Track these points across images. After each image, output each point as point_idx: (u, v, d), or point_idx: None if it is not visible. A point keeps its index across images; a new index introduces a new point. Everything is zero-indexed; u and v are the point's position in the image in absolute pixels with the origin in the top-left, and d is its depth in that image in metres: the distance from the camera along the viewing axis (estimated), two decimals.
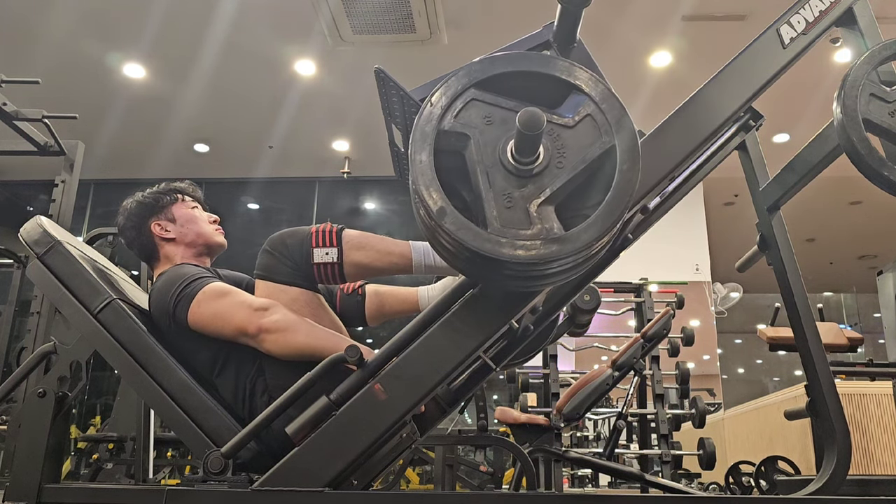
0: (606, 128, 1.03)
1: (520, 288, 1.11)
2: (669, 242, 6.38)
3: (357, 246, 1.42)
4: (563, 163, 1.03)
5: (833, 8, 1.35)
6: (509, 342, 1.48)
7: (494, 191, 1.02)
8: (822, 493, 1.32)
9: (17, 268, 3.80)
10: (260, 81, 6.00)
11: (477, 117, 1.05)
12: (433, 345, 1.14)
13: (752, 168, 1.63)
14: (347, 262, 1.40)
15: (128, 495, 1.24)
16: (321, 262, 1.40)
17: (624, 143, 1.03)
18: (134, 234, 1.64)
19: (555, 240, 0.99)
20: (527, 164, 1.02)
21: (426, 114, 1.04)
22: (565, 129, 1.04)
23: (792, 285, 1.49)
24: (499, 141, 1.04)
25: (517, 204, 1.01)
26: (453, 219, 0.99)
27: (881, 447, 3.49)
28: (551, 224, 1.00)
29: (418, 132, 1.03)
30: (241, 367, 1.41)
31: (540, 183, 1.02)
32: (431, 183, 1.01)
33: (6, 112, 3.01)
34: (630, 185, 1.01)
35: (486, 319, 1.14)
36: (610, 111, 1.04)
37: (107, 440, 4.41)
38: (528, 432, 2.80)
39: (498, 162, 1.03)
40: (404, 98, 1.25)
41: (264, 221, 8.37)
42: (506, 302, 1.14)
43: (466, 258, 1.02)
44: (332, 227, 1.42)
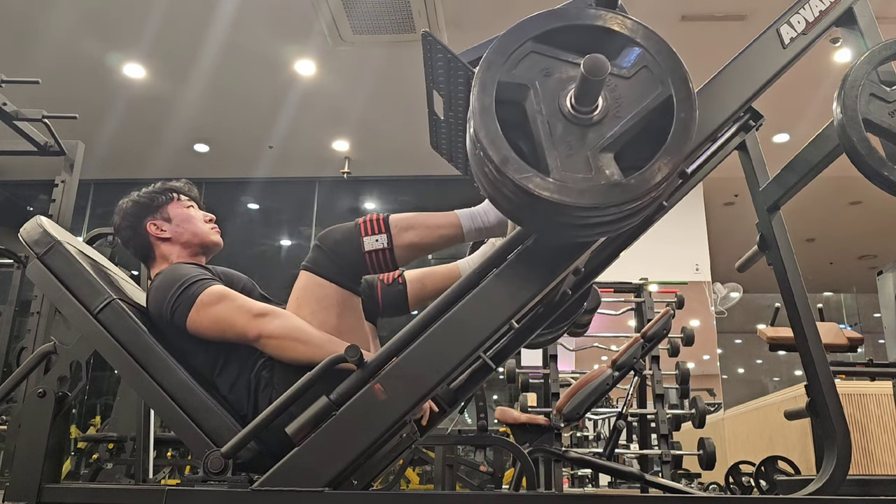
0: (663, 78, 1.06)
1: (576, 237, 1.13)
2: (669, 242, 6.37)
3: (405, 227, 1.44)
4: (621, 112, 1.06)
5: (833, 8, 1.35)
6: (547, 308, 1.51)
7: (555, 139, 1.05)
8: (822, 493, 1.32)
9: (17, 268, 3.79)
10: (260, 81, 6.00)
11: (535, 69, 1.08)
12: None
13: (752, 168, 1.63)
14: (398, 244, 1.43)
15: (128, 495, 1.24)
16: (373, 250, 1.42)
17: (681, 92, 1.05)
18: (130, 233, 1.64)
19: (616, 185, 1.02)
20: (586, 112, 1.05)
21: (486, 65, 1.06)
22: (622, 80, 1.07)
23: (792, 285, 1.49)
24: (558, 91, 1.07)
25: (578, 152, 1.04)
26: (517, 166, 1.02)
27: (881, 447, 3.49)
28: (612, 170, 1.03)
29: (479, 84, 1.05)
30: (244, 365, 1.41)
31: (599, 131, 1.05)
32: (494, 133, 1.03)
33: (6, 112, 3.01)
34: (688, 132, 1.04)
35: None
36: (666, 62, 1.07)
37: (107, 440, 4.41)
38: (528, 432, 2.80)
39: (558, 111, 1.06)
40: (451, 62, 1.27)
41: (264, 221, 8.37)
42: (559, 254, 1.17)
43: (528, 205, 1.04)
44: (379, 215, 1.45)
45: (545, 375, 4.48)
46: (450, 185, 7.93)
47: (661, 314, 2.70)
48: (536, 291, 1.16)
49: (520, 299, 1.15)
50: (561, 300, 1.50)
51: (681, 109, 1.05)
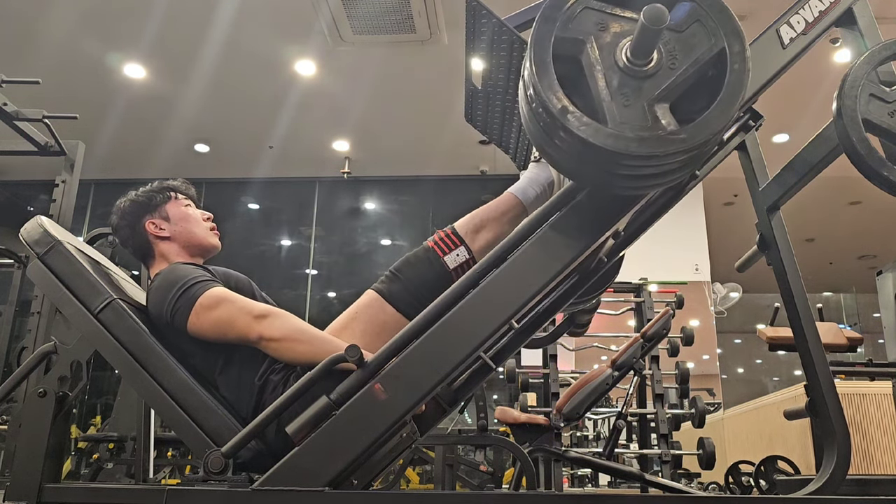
0: (716, 31, 1.08)
1: (629, 189, 1.15)
2: (669, 242, 6.37)
3: (475, 229, 1.46)
4: (676, 64, 1.08)
5: (833, 8, 1.35)
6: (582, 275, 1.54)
7: (611, 90, 1.07)
8: (821, 493, 1.32)
9: (18, 268, 3.80)
10: (260, 81, 6.00)
11: (590, 24, 1.10)
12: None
13: (751, 168, 1.63)
14: (477, 249, 1.44)
15: (128, 495, 1.24)
16: (458, 265, 1.43)
17: (734, 46, 1.07)
18: (128, 232, 1.64)
19: (674, 133, 1.04)
20: (642, 64, 1.07)
21: (542, 20, 1.09)
22: (675, 34, 1.09)
23: (792, 285, 1.49)
24: (614, 45, 1.09)
25: (634, 102, 1.06)
26: (576, 116, 1.04)
27: (881, 447, 3.50)
28: (668, 119, 1.05)
29: (535, 39, 1.07)
30: (247, 366, 1.41)
31: (655, 82, 1.07)
32: (553, 84, 1.05)
33: (6, 112, 3.01)
34: (742, 83, 1.06)
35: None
36: (718, 16, 1.09)
37: (107, 440, 4.41)
38: (528, 432, 2.80)
39: (614, 64, 1.08)
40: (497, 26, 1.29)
41: (264, 221, 8.37)
42: (610, 207, 1.20)
43: (584, 158, 1.07)
44: (446, 230, 1.46)
45: (545, 375, 4.48)
46: (450, 184, 7.95)
47: (660, 314, 2.70)
48: (587, 244, 1.18)
49: (571, 252, 1.17)
50: (597, 267, 1.53)
51: (734, 61, 1.07)
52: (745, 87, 1.07)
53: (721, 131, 1.06)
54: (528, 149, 1.59)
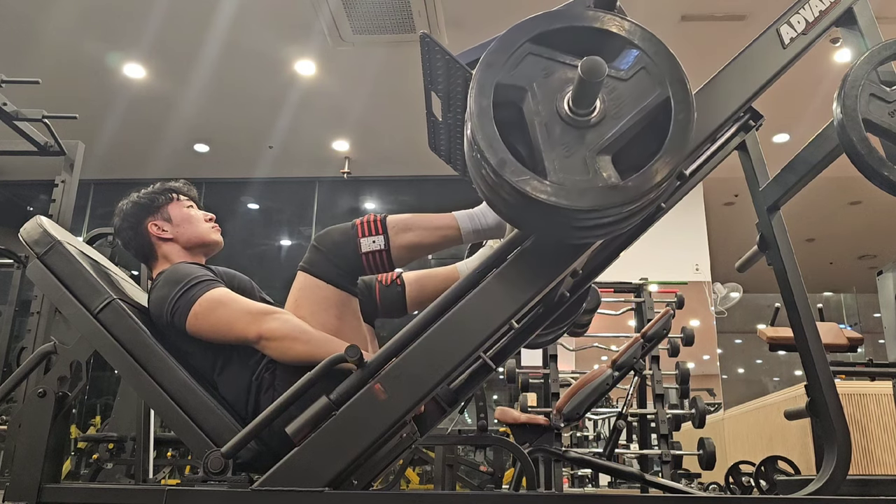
0: (661, 80, 1.06)
1: (574, 239, 1.14)
2: (669, 242, 6.37)
3: (402, 228, 1.45)
4: (619, 114, 1.06)
5: (833, 8, 1.35)
6: (546, 309, 1.51)
7: (552, 141, 1.05)
8: (822, 493, 1.32)
9: (17, 268, 3.80)
10: (260, 81, 6.00)
11: (534, 71, 1.07)
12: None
13: (752, 168, 1.62)
14: (395, 245, 1.43)
15: (128, 495, 1.23)
16: (369, 251, 1.42)
17: (678, 94, 1.06)
18: (131, 234, 1.64)
19: (613, 187, 1.02)
20: (584, 114, 1.05)
21: (484, 67, 1.06)
22: (620, 82, 1.07)
23: (792, 285, 1.49)
24: (556, 93, 1.07)
25: (575, 154, 1.04)
26: (514, 168, 1.02)
27: (881, 447, 3.49)
28: (609, 172, 1.03)
29: (477, 86, 1.05)
30: (245, 366, 1.41)
31: (597, 133, 1.05)
32: (491, 135, 1.03)
33: (6, 112, 3.01)
34: (686, 133, 1.04)
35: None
36: (664, 64, 1.07)
37: (107, 440, 4.41)
38: (528, 432, 2.80)
39: (555, 113, 1.06)
40: (450, 63, 1.27)
41: (264, 221, 8.36)
42: (557, 255, 1.17)
43: (525, 208, 1.04)
44: (376, 216, 1.46)
45: (545, 375, 4.48)
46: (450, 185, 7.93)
47: (661, 314, 2.70)
48: (535, 293, 1.15)
49: (518, 300, 1.15)
50: (559, 302, 1.50)
51: (679, 111, 1.05)
52: (690, 136, 1.05)
53: (665, 181, 1.04)
54: None
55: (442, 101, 1.35)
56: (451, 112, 1.41)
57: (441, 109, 1.38)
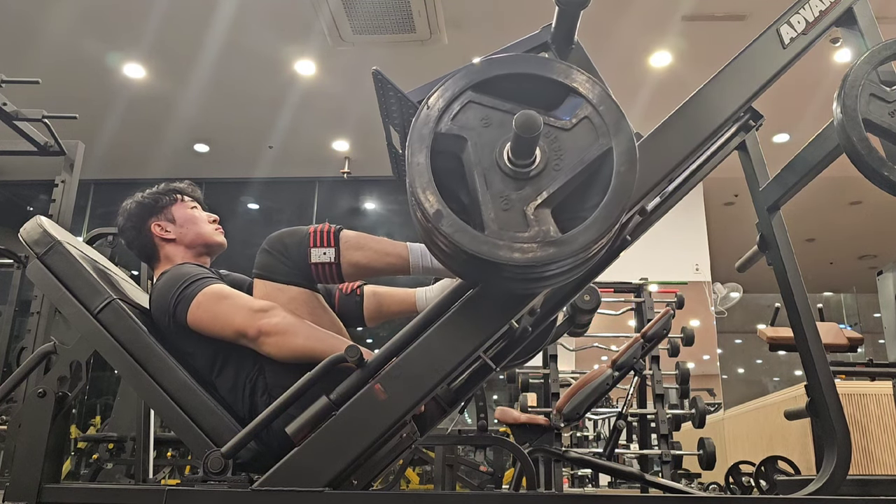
0: (604, 130, 1.03)
1: (518, 290, 1.11)
2: (669, 242, 6.37)
3: (354, 246, 1.42)
4: (561, 165, 1.03)
5: (833, 8, 1.35)
6: (508, 343, 1.48)
7: (491, 193, 1.01)
8: (822, 493, 1.32)
9: (17, 268, 3.80)
10: (260, 81, 6.00)
11: (474, 119, 1.04)
12: (432, 346, 1.13)
13: (752, 168, 1.62)
14: (345, 262, 1.41)
15: (128, 495, 1.23)
16: (319, 262, 1.40)
17: (621, 145, 1.02)
18: (134, 234, 1.64)
19: (551, 242, 0.99)
20: (524, 166, 1.02)
21: (423, 116, 1.03)
22: (562, 132, 1.04)
23: (792, 285, 1.49)
24: (496, 143, 1.03)
25: (514, 206, 1.01)
26: (450, 221, 0.99)
27: (881, 447, 3.49)
28: (548, 227, 1.00)
29: (415, 134, 1.02)
30: (241, 367, 1.42)
31: (537, 185, 1.02)
32: (428, 185, 1.01)
33: (6, 112, 3.01)
34: (627, 187, 1.01)
35: (484, 321, 1.14)
36: (607, 113, 1.04)
37: (107, 440, 4.41)
38: (528, 432, 2.80)
39: (495, 164, 1.03)
40: (402, 100, 1.24)
41: (264, 221, 8.37)
42: (504, 303, 1.14)
43: (463, 261, 1.02)
44: (330, 228, 1.43)
45: (545, 375, 4.48)
46: None
47: (661, 314, 2.70)
48: (483, 339, 1.13)
49: (466, 348, 1.13)
50: (522, 336, 1.46)
51: (621, 163, 1.01)
52: (631, 190, 1.02)
53: (606, 233, 1.01)
54: None
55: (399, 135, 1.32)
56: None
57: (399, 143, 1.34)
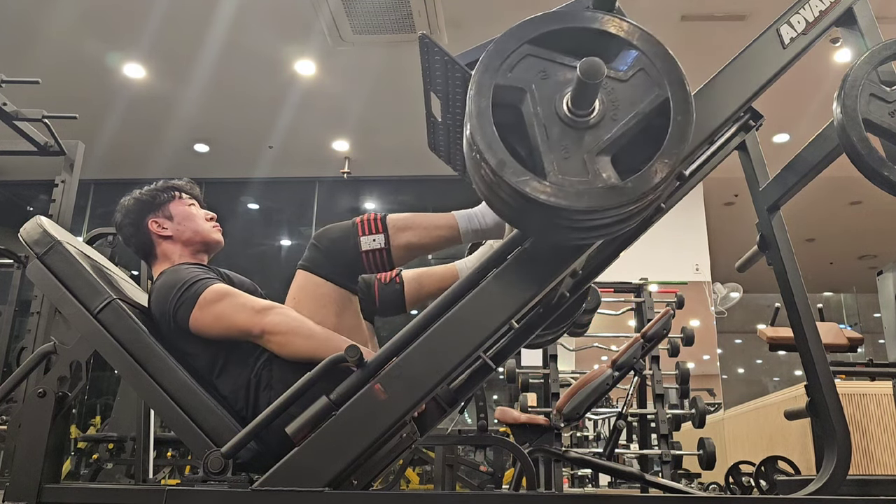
0: (660, 80, 1.06)
1: (573, 240, 1.13)
2: (669, 242, 6.37)
3: (402, 227, 1.45)
4: (618, 115, 1.06)
5: (833, 8, 1.35)
6: (545, 310, 1.51)
7: (551, 142, 1.04)
8: (822, 493, 1.32)
9: (17, 268, 3.80)
10: (260, 81, 6.00)
11: (532, 72, 1.07)
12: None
13: (752, 168, 1.63)
14: (395, 245, 1.43)
15: (128, 495, 1.23)
16: (370, 250, 1.43)
17: (677, 94, 1.05)
18: (131, 231, 1.64)
19: (612, 188, 1.02)
20: (583, 115, 1.05)
21: (483, 69, 1.06)
22: (619, 83, 1.07)
23: (792, 285, 1.49)
24: (554, 95, 1.06)
25: (574, 155, 1.04)
26: (513, 170, 1.01)
27: (881, 447, 3.49)
28: (608, 173, 1.03)
29: (475, 87, 1.05)
30: (244, 365, 1.41)
31: (596, 134, 1.05)
32: (491, 136, 1.03)
33: (6, 112, 3.01)
34: (685, 134, 1.04)
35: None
36: (662, 65, 1.07)
37: (107, 440, 4.41)
38: (528, 432, 2.80)
39: (554, 114, 1.06)
40: (449, 63, 1.27)
41: (264, 221, 8.37)
42: (556, 256, 1.17)
43: (525, 209, 1.04)
44: (376, 215, 1.46)
45: (545, 375, 4.48)
46: (450, 185, 7.92)
47: (661, 314, 2.70)
48: (534, 294, 1.15)
49: (517, 302, 1.15)
50: (559, 302, 1.50)
51: (678, 112, 1.04)
52: (689, 137, 1.05)
53: (664, 182, 1.04)
54: None
55: (441, 102, 1.35)
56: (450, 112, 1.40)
57: (440, 110, 1.38)
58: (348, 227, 1.45)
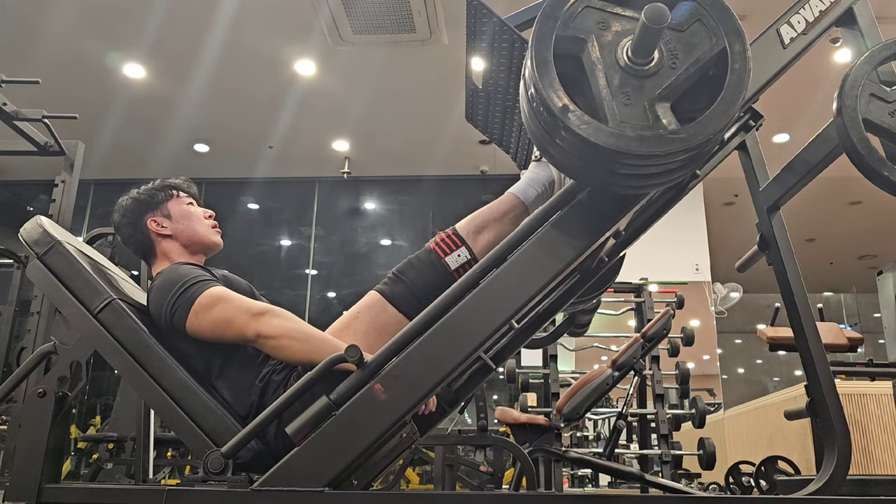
0: (717, 31, 1.09)
1: (630, 188, 1.15)
2: (669, 242, 6.37)
3: (477, 230, 1.46)
4: (677, 64, 1.09)
5: (833, 8, 1.35)
6: (583, 275, 1.54)
7: (612, 89, 1.07)
8: (822, 493, 1.32)
9: (17, 268, 3.80)
10: (260, 81, 6.00)
11: (591, 22, 1.10)
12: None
13: (752, 168, 1.62)
14: (478, 249, 1.44)
15: (128, 495, 1.23)
16: (459, 266, 1.43)
17: (734, 45, 1.08)
18: (130, 230, 1.64)
19: (674, 132, 1.04)
20: (643, 64, 1.07)
21: (543, 20, 1.08)
22: (677, 33, 1.10)
23: (792, 285, 1.49)
24: (615, 44, 1.09)
25: (635, 101, 1.07)
26: (577, 115, 1.04)
27: (881, 447, 3.49)
28: (669, 119, 1.06)
29: (536, 38, 1.07)
30: (247, 367, 1.41)
31: (656, 81, 1.08)
32: (554, 82, 1.05)
33: (6, 112, 3.01)
34: (742, 83, 1.07)
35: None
36: (719, 15, 1.09)
37: (107, 440, 4.41)
38: (528, 432, 2.80)
39: (615, 62, 1.08)
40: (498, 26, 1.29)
41: (264, 221, 8.37)
42: (611, 206, 1.20)
43: (586, 156, 1.07)
44: (447, 231, 1.47)
45: (545, 375, 4.48)
46: (450, 185, 7.95)
47: (661, 314, 2.70)
48: (589, 243, 1.19)
49: (573, 251, 1.18)
50: (597, 267, 1.53)
51: (735, 61, 1.07)
52: (747, 86, 1.07)
53: (722, 130, 1.06)
54: (529, 148, 1.59)
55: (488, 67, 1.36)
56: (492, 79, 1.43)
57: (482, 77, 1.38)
58: (428, 256, 1.44)
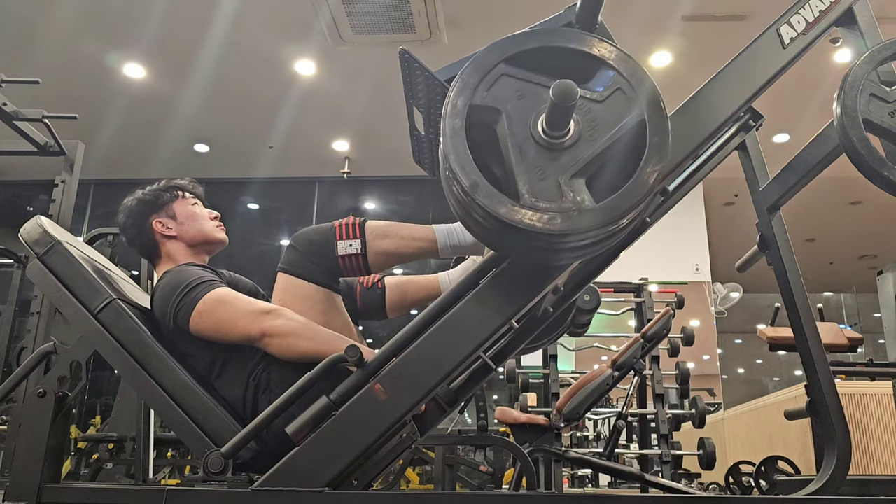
0: (637, 101, 1.05)
1: (549, 261, 1.12)
2: (669, 242, 6.37)
3: (380, 234, 1.45)
4: (594, 136, 1.05)
5: (833, 8, 1.34)
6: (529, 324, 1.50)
7: (526, 164, 1.03)
8: (822, 493, 1.32)
9: (17, 268, 3.80)
10: (260, 81, 6.00)
11: (508, 92, 1.06)
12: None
13: (752, 168, 1.63)
14: (371, 251, 1.43)
15: (128, 495, 1.23)
16: (346, 254, 1.43)
17: (654, 116, 1.04)
18: (135, 231, 1.64)
19: (587, 211, 1.01)
20: (558, 137, 1.04)
21: (458, 89, 1.05)
22: (595, 104, 1.06)
23: (792, 285, 1.49)
24: (530, 115, 1.05)
25: (549, 176, 1.03)
26: (486, 191, 1.01)
27: (881, 447, 3.49)
28: (583, 196, 1.02)
29: (450, 107, 1.04)
30: (243, 367, 1.41)
31: (571, 155, 1.04)
32: (464, 157, 1.02)
33: (6, 112, 3.01)
34: (661, 156, 1.03)
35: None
36: (639, 86, 1.06)
37: (107, 440, 4.41)
38: (528, 432, 2.80)
39: (529, 135, 1.05)
40: (429, 79, 1.26)
41: (264, 221, 8.37)
42: (533, 277, 1.15)
43: (499, 231, 1.04)
44: (355, 220, 1.46)
45: (545, 375, 4.48)
46: None
47: (661, 314, 2.70)
48: (511, 314, 1.14)
49: (494, 323, 1.14)
50: (543, 317, 1.49)
51: (654, 133, 1.03)
52: (665, 159, 1.03)
53: (640, 205, 1.02)
54: None
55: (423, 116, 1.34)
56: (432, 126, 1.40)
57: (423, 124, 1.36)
58: (326, 230, 1.45)
